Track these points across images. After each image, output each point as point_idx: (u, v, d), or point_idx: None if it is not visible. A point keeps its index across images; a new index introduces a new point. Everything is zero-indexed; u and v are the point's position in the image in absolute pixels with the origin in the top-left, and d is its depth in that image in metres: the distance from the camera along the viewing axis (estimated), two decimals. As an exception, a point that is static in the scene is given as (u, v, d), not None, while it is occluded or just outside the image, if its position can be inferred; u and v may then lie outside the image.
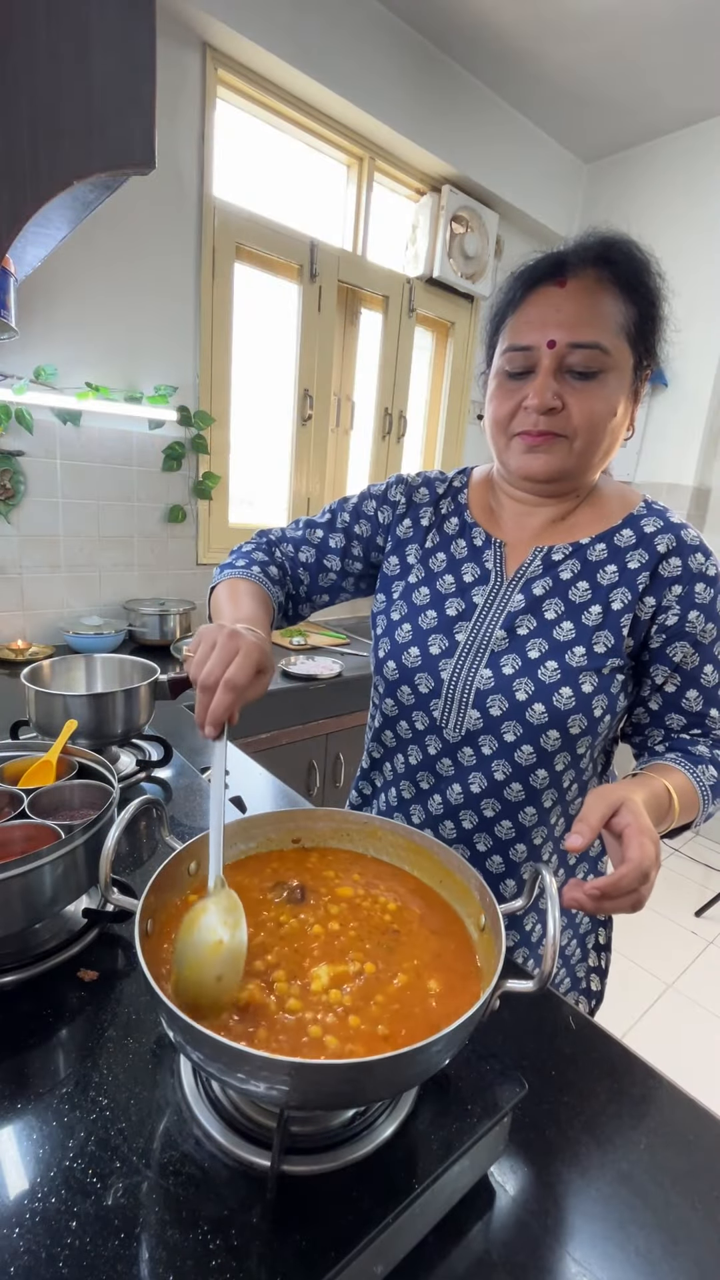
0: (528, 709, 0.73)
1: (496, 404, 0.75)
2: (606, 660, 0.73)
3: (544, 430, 0.72)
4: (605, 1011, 0.95)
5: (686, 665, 0.75)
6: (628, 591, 0.74)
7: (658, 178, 2.72)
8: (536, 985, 0.44)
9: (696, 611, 0.73)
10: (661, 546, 0.74)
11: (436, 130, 2.33)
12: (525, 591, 0.77)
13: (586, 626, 0.74)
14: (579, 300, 0.68)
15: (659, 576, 0.73)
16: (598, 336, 0.68)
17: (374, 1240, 0.41)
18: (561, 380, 0.70)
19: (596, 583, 0.75)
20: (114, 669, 1.18)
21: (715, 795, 0.72)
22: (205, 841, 0.60)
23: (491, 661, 0.76)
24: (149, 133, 0.82)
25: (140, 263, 1.92)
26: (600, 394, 0.70)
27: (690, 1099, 0.61)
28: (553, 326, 0.69)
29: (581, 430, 0.71)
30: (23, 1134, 0.48)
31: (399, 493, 0.89)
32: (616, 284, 0.69)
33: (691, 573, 0.73)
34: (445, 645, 0.79)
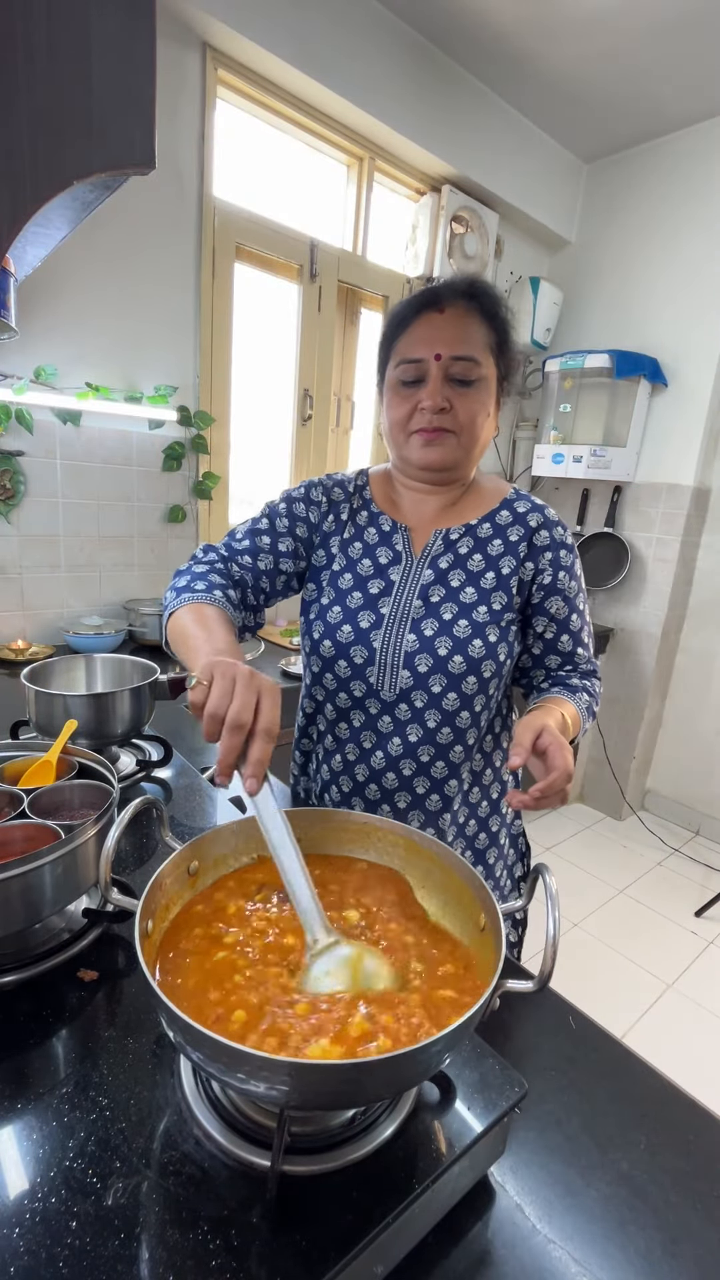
0: (449, 661, 0.88)
1: (395, 408, 0.90)
2: (504, 614, 0.91)
3: (437, 426, 0.87)
4: (605, 1011, 0.95)
5: (559, 615, 0.94)
6: (512, 559, 0.92)
7: (658, 178, 2.72)
8: (536, 985, 0.44)
9: (563, 572, 0.92)
10: (533, 522, 0.93)
11: (436, 130, 2.33)
12: (433, 567, 0.92)
13: (485, 589, 0.91)
14: (455, 323, 0.85)
15: (534, 545, 0.92)
16: (472, 351, 0.85)
17: (374, 1240, 0.41)
18: (448, 387, 0.86)
19: (487, 554, 0.92)
20: (114, 669, 1.18)
21: (589, 715, 0.93)
22: (205, 841, 0.60)
23: (414, 627, 0.90)
24: (149, 133, 0.82)
25: (140, 262, 1.92)
26: (476, 398, 0.87)
27: (690, 1099, 0.61)
28: (437, 343, 0.85)
29: (465, 427, 0.88)
30: (23, 1134, 0.48)
31: (320, 493, 1.00)
32: (481, 313, 0.86)
33: (556, 541, 0.93)
34: (373, 619, 0.92)
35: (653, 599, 2.94)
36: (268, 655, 2.08)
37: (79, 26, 0.74)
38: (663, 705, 3.15)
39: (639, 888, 2.64)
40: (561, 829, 3.06)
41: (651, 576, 2.93)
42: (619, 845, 2.96)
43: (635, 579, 2.98)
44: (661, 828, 3.11)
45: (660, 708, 3.14)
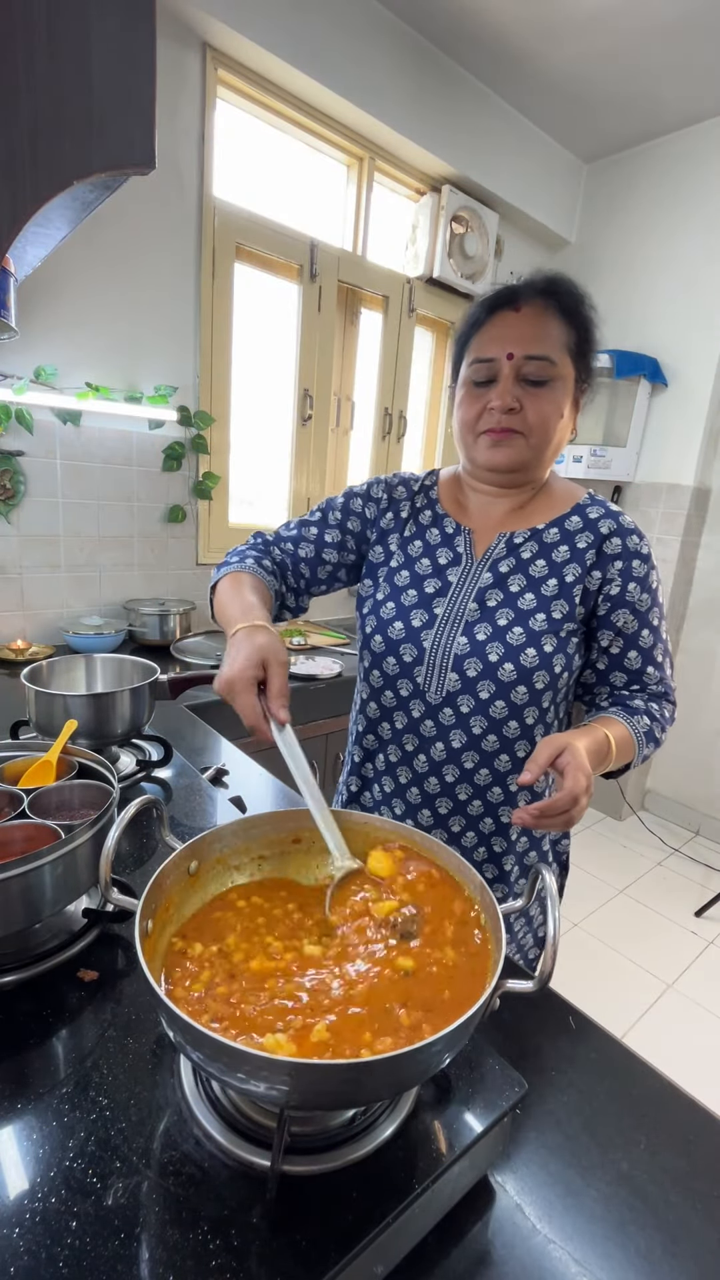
0: (499, 668, 0.85)
1: (465, 408, 0.89)
2: (563, 624, 0.86)
3: (505, 427, 0.85)
4: (605, 1012, 0.95)
5: (627, 630, 0.88)
6: (578, 566, 0.87)
7: (658, 178, 2.72)
8: (536, 985, 0.44)
9: (634, 583, 0.87)
10: (604, 529, 0.88)
11: (436, 130, 2.33)
12: (493, 570, 0.90)
13: (545, 597, 0.87)
14: (530, 322, 0.84)
15: (604, 553, 0.87)
16: (547, 350, 0.83)
17: (374, 1240, 0.41)
18: (519, 387, 0.84)
19: (552, 560, 0.88)
20: (114, 669, 1.18)
21: (648, 740, 0.86)
22: (205, 841, 0.60)
23: (466, 630, 0.88)
24: (149, 133, 0.82)
25: (140, 263, 1.92)
26: (550, 398, 0.85)
27: (690, 1099, 0.61)
28: (510, 342, 0.83)
29: (535, 428, 0.85)
30: (23, 1134, 0.48)
31: (381, 490, 1.01)
32: (559, 311, 0.85)
33: (629, 551, 0.87)
34: (425, 618, 0.91)
35: (653, 599, 2.94)
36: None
37: (79, 26, 0.74)
38: (663, 705, 3.14)
39: (639, 888, 2.64)
40: (561, 829, 3.05)
41: (651, 576, 2.93)
42: (619, 845, 2.96)
43: (635, 579, 2.98)
44: (661, 828, 3.11)
45: (660, 708, 3.14)
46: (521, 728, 0.88)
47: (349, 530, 1.00)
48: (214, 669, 1.76)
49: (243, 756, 1.28)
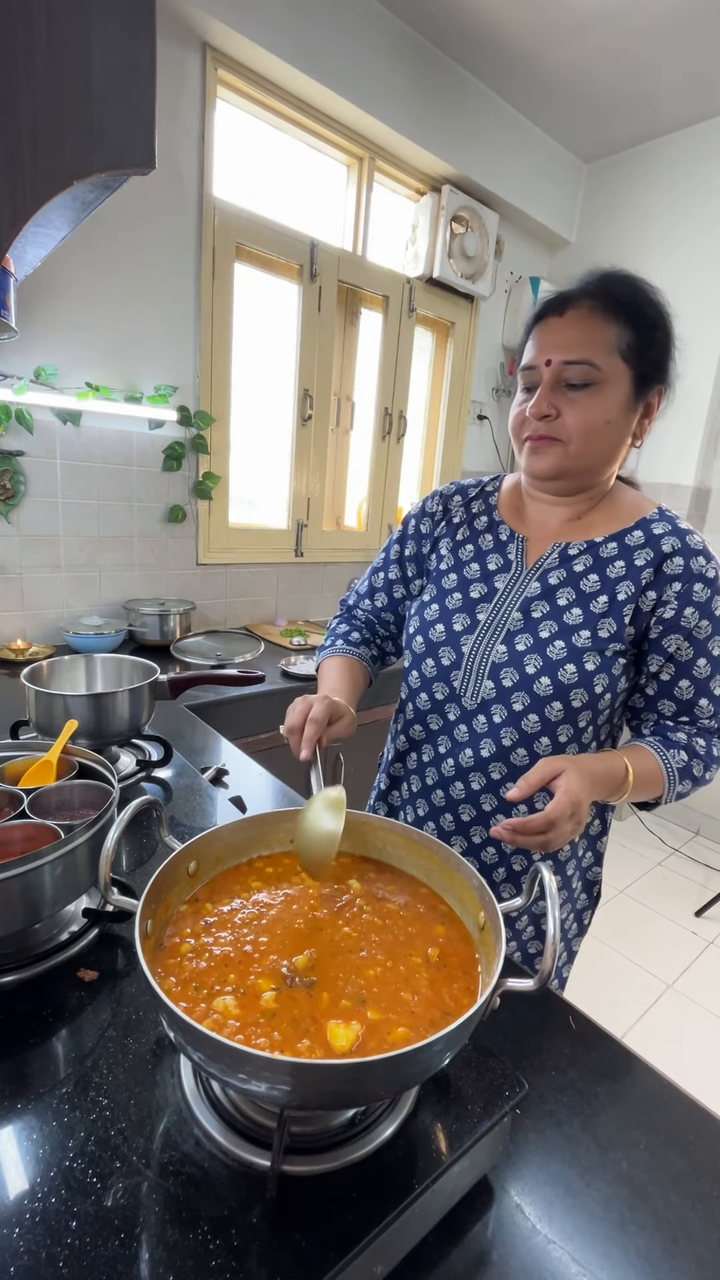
0: (535, 681, 0.83)
1: (512, 416, 0.88)
2: (609, 644, 0.82)
3: (542, 434, 0.83)
4: (605, 1012, 0.95)
5: (680, 656, 0.82)
6: (632, 584, 0.82)
7: (658, 178, 2.72)
8: (536, 985, 0.44)
9: (692, 608, 0.81)
10: (667, 547, 0.82)
11: (436, 130, 2.33)
12: (542, 580, 0.87)
13: (594, 613, 0.83)
14: (574, 326, 0.81)
15: (662, 573, 0.82)
16: (589, 354, 0.79)
17: (374, 1240, 0.41)
18: (559, 393, 0.81)
19: (606, 575, 0.84)
20: (114, 669, 1.18)
21: (683, 777, 0.82)
22: (205, 841, 0.60)
23: (507, 639, 0.86)
24: (149, 133, 0.82)
25: (140, 263, 1.92)
26: (592, 403, 0.80)
27: (690, 1099, 0.61)
28: (551, 348, 0.81)
29: (576, 434, 0.81)
30: (23, 1134, 0.48)
31: (436, 504, 1.00)
32: (609, 310, 0.81)
33: (692, 573, 0.81)
34: (467, 623, 0.89)
35: (653, 599, 2.94)
36: (268, 655, 2.08)
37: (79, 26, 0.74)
38: (663, 705, 3.15)
39: (639, 888, 2.64)
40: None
41: (651, 576, 2.93)
42: (619, 845, 2.96)
43: (635, 579, 2.98)
44: (661, 828, 3.11)
45: (660, 708, 3.14)
46: (554, 745, 0.85)
47: (408, 557, 1.01)
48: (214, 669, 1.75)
49: (243, 756, 1.28)
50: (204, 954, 0.51)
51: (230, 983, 0.49)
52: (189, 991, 0.48)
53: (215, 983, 0.49)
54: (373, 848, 0.66)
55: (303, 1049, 0.43)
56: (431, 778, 0.94)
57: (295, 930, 0.55)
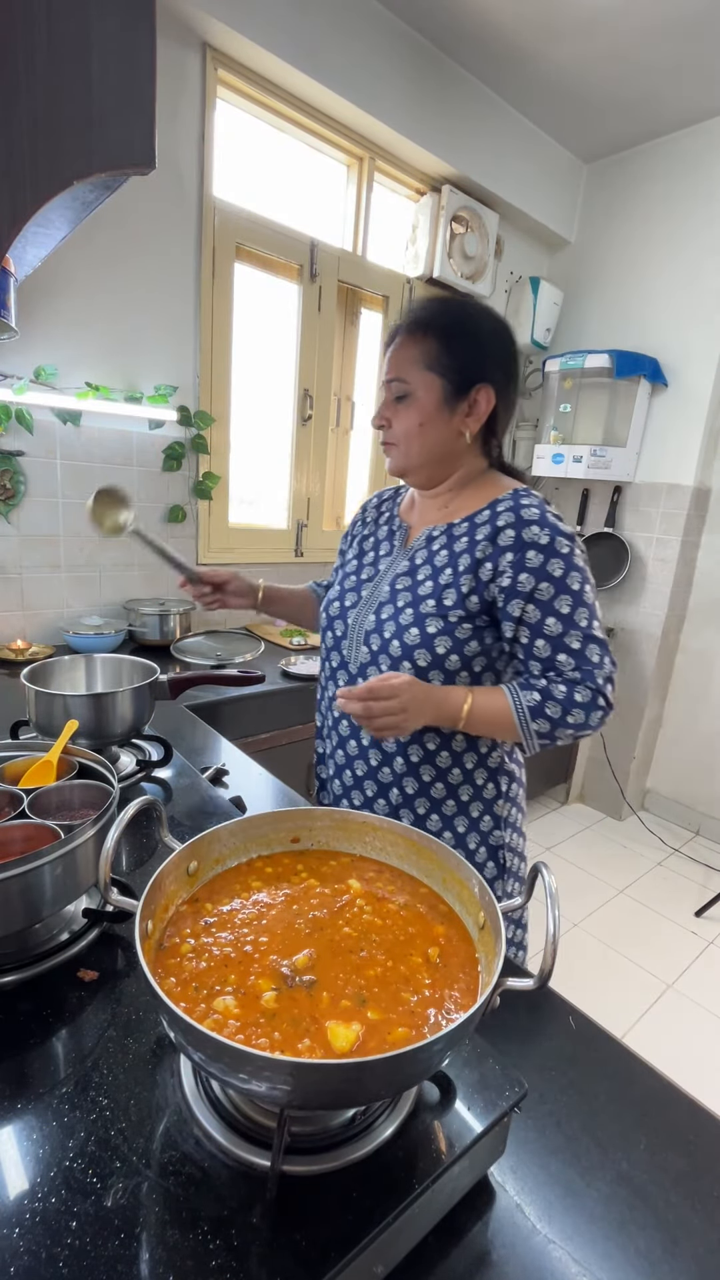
0: (390, 644, 0.96)
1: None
2: (451, 610, 0.93)
3: (384, 440, 1.01)
4: (605, 1011, 0.95)
5: (529, 619, 0.91)
6: (469, 557, 0.94)
7: (658, 178, 2.72)
8: (536, 984, 0.44)
9: (526, 574, 0.90)
10: (502, 521, 0.92)
11: (436, 130, 2.33)
12: (410, 560, 1.01)
13: (440, 585, 0.95)
14: (396, 351, 0.96)
15: (496, 544, 0.92)
16: (401, 373, 0.95)
17: (374, 1240, 0.41)
18: (391, 406, 0.97)
19: (453, 551, 0.96)
20: (114, 669, 1.18)
21: (535, 715, 0.90)
22: (205, 841, 0.60)
23: (376, 610, 1.00)
24: (149, 133, 0.82)
25: (140, 263, 1.92)
26: (407, 412, 0.96)
27: (690, 1099, 0.61)
28: (385, 372, 0.98)
29: (401, 438, 0.98)
30: (23, 1134, 0.48)
31: (370, 508, 1.18)
32: (416, 332, 0.94)
33: (524, 541, 0.90)
34: (354, 600, 1.05)
35: (653, 599, 2.94)
36: (268, 655, 2.08)
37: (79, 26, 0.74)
38: (663, 705, 3.15)
39: (639, 888, 2.65)
40: (561, 829, 3.06)
41: (651, 577, 2.93)
42: (619, 845, 2.96)
43: (635, 579, 2.98)
44: (661, 828, 3.11)
45: (660, 708, 3.14)
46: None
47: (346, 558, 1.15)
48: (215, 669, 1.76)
49: (243, 756, 1.28)
50: (204, 954, 0.51)
51: (230, 983, 0.49)
52: (189, 991, 0.48)
53: (215, 983, 0.49)
54: (373, 848, 0.66)
55: (303, 1049, 0.43)
56: (335, 739, 1.08)
57: (295, 930, 0.55)
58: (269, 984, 0.49)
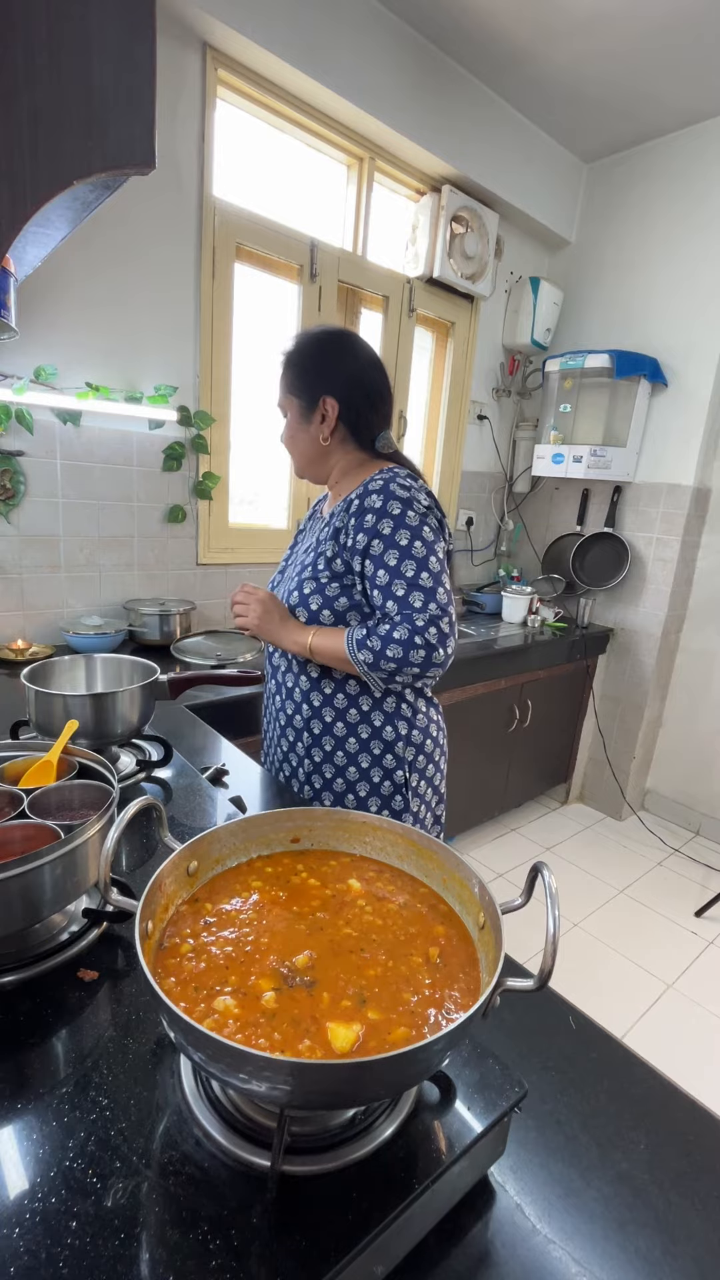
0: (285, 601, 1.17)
1: None
2: (321, 572, 1.12)
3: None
4: (605, 1011, 0.95)
5: (367, 572, 1.07)
6: (330, 527, 1.13)
7: (658, 178, 2.72)
8: (536, 984, 0.44)
9: (363, 534, 1.06)
10: (354, 494, 1.11)
11: (436, 130, 2.33)
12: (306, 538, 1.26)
13: (317, 553, 1.14)
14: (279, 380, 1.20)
15: (349, 513, 1.10)
16: (280, 396, 1.21)
17: (374, 1240, 0.41)
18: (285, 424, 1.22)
19: (328, 524, 1.15)
20: (114, 669, 1.18)
21: (360, 646, 1.05)
22: (204, 841, 0.60)
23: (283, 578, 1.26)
24: (149, 133, 0.82)
25: (140, 263, 1.92)
26: (286, 428, 1.22)
27: (690, 1099, 0.61)
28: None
29: (287, 446, 1.23)
30: (23, 1134, 0.48)
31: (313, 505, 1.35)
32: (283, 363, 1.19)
33: (364, 507, 1.07)
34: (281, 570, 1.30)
35: (653, 599, 2.94)
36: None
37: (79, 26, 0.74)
38: (663, 705, 3.15)
39: (639, 888, 2.65)
40: (561, 829, 3.06)
41: (651, 576, 2.93)
42: (619, 845, 2.96)
43: (635, 579, 2.98)
44: (661, 828, 3.11)
45: (660, 708, 3.14)
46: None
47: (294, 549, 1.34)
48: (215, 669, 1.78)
49: (243, 756, 1.28)
50: (204, 954, 0.51)
51: (230, 983, 0.49)
52: (189, 992, 0.48)
53: (215, 983, 0.49)
54: (373, 848, 0.66)
55: (303, 1049, 0.43)
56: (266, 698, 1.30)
57: (295, 930, 0.55)
58: (269, 984, 0.49)
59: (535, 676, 2.75)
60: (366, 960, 0.52)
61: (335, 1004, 0.48)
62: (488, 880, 1.00)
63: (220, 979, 0.49)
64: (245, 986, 0.49)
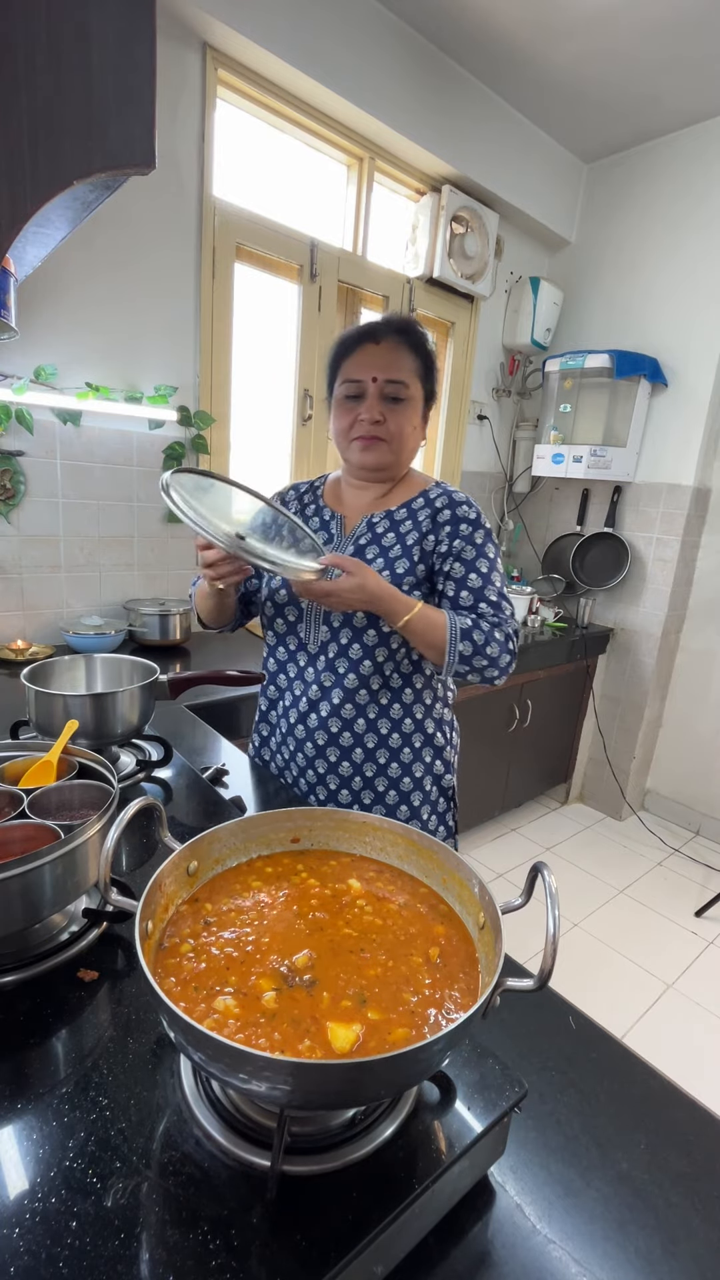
0: (353, 617, 1.08)
1: (340, 419, 1.11)
2: (404, 578, 1.07)
3: (373, 435, 1.08)
4: (605, 1011, 0.95)
5: (455, 574, 1.08)
6: (416, 533, 1.10)
7: (658, 178, 2.72)
8: (536, 984, 0.44)
9: (459, 540, 1.08)
10: (438, 504, 1.11)
11: (436, 130, 2.33)
12: (355, 544, 1.13)
13: (391, 559, 1.09)
14: (389, 353, 1.06)
15: (436, 522, 1.10)
16: (402, 376, 1.06)
17: (374, 1240, 0.41)
18: (382, 403, 1.07)
19: (399, 532, 1.11)
20: (114, 669, 1.18)
21: (464, 637, 1.03)
22: (204, 841, 0.60)
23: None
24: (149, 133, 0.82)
25: (140, 263, 1.92)
26: (404, 414, 1.08)
27: (690, 1099, 0.61)
28: (376, 367, 1.06)
29: (395, 436, 1.09)
30: (23, 1134, 0.48)
31: (291, 496, 1.25)
32: (409, 346, 1.07)
33: (456, 516, 1.09)
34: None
35: (653, 599, 2.94)
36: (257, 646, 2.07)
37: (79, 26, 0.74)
38: (663, 705, 3.15)
39: (639, 888, 2.65)
40: (561, 829, 3.06)
41: (651, 576, 2.93)
42: (619, 845, 2.96)
43: (635, 579, 2.98)
44: (661, 828, 3.11)
45: (660, 708, 3.14)
46: (374, 665, 1.09)
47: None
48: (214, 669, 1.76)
49: (243, 756, 1.28)
50: (204, 954, 0.51)
51: (230, 983, 0.49)
52: (189, 992, 0.48)
53: (215, 983, 0.49)
54: (373, 848, 0.66)
55: (303, 1049, 0.43)
56: (294, 715, 1.15)
57: (295, 930, 0.55)
58: (269, 984, 0.49)
59: (535, 676, 2.75)
60: (366, 960, 0.52)
61: (335, 1004, 0.48)
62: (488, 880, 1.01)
63: (220, 979, 0.49)
64: (245, 986, 0.49)
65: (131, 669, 1.17)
